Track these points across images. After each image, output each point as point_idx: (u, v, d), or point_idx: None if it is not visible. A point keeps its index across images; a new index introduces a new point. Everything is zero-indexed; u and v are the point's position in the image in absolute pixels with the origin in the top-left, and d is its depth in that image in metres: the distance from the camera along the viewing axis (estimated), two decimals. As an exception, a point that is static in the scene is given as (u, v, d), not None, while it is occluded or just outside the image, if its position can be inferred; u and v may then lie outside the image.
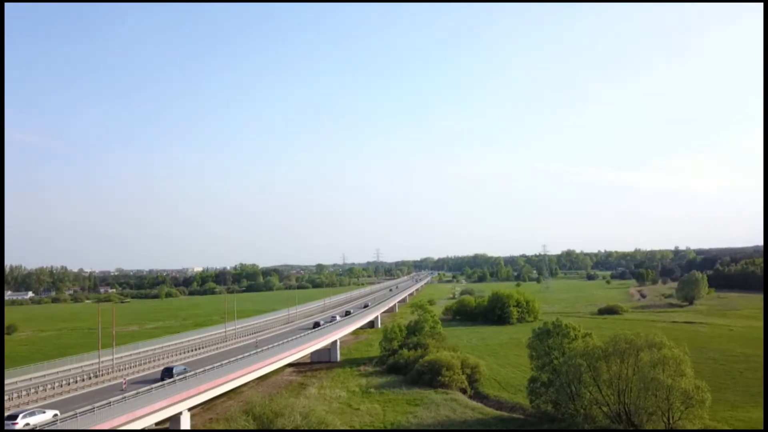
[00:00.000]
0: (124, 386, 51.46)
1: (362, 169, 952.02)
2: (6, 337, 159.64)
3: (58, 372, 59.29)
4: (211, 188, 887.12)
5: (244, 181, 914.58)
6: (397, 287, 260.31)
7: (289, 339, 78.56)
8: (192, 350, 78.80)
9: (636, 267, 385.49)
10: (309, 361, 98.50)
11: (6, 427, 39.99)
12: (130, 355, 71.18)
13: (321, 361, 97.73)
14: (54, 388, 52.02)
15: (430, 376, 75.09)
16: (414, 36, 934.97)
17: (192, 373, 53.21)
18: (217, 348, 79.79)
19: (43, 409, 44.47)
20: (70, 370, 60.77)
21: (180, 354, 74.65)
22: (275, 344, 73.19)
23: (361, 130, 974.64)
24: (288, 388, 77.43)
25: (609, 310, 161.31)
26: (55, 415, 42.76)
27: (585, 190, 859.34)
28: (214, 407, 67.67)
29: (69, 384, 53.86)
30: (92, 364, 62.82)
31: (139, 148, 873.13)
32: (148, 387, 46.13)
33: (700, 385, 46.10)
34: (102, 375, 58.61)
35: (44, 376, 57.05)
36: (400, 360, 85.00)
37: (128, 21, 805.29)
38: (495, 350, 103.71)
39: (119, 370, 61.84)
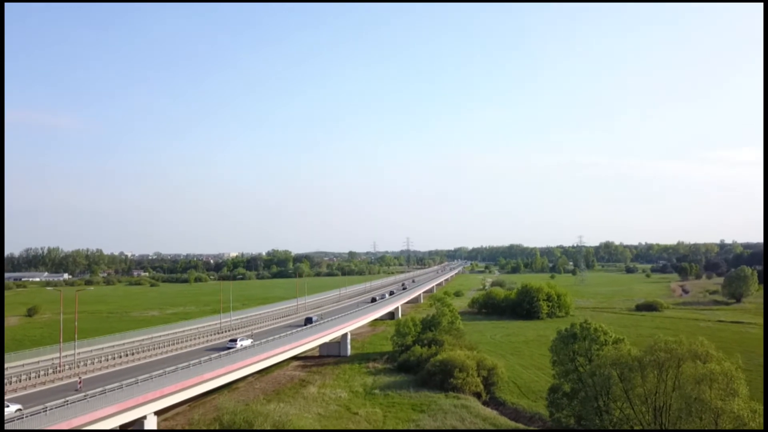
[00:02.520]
0: (79, 386, 45.61)
1: (397, 160, 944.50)
2: (26, 318, 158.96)
3: (24, 365, 53.93)
4: (251, 177, 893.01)
5: (283, 170, 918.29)
6: (413, 281, 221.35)
7: (288, 333, 72.08)
8: (179, 342, 72.17)
9: (678, 260, 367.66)
10: (318, 354, 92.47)
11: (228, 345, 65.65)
12: (113, 346, 65.49)
13: (330, 355, 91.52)
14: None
15: (441, 378, 67.70)
16: (454, 34, 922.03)
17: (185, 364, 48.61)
18: (207, 341, 73.71)
19: (248, 337, 71.29)
20: (39, 362, 55.47)
21: (167, 346, 68.34)
22: (271, 338, 66.73)
23: (396, 121, 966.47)
24: (288, 386, 71.32)
25: (648, 306, 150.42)
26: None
27: (626, 181, 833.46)
28: (202, 405, 61.99)
29: (20, 382, 48.24)
30: (64, 356, 57.51)
31: (178, 137, 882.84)
32: (101, 389, 40.06)
33: (757, 408, 37.51)
34: (62, 371, 52.72)
35: (6, 369, 51.74)
36: (411, 358, 77.71)
37: (162, 15, 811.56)
38: (519, 348, 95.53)
39: (85, 365, 55.69)
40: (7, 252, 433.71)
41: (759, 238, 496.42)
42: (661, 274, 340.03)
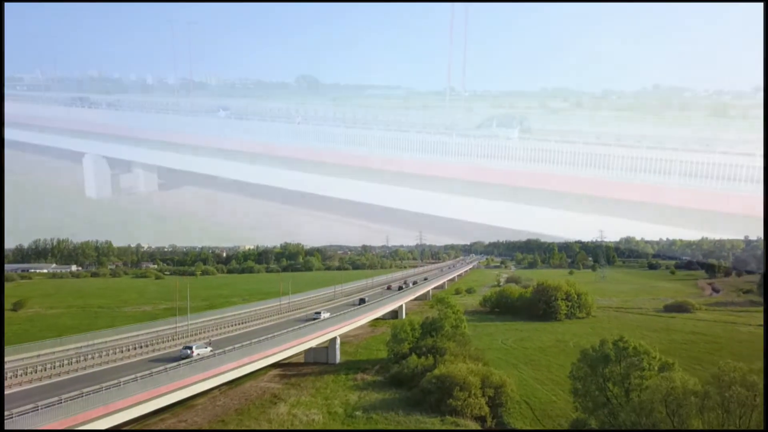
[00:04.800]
0: None
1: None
2: (11, 313, 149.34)
3: None
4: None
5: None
6: (405, 281, 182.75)
7: (254, 341, 60.70)
8: (126, 350, 60.29)
9: (705, 257, 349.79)
10: (303, 361, 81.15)
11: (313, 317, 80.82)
12: (39, 356, 54.18)
13: (317, 362, 79.99)
14: None
15: (438, 397, 55.83)
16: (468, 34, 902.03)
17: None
18: (153, 350, 62.17)
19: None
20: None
21: (94, 358, 55.99)
22: (230, 348, 55.40)
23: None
24: (256, 402, 60.11)
25: (678, 307, 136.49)
26: None
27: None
28: (165, 422, 51.11)
29: None
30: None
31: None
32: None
33: None
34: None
35: None
36: (405, 370, 65.84)
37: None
38: (533, 357, 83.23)
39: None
40: (16, 243, 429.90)
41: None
42: (686, 271, 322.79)
